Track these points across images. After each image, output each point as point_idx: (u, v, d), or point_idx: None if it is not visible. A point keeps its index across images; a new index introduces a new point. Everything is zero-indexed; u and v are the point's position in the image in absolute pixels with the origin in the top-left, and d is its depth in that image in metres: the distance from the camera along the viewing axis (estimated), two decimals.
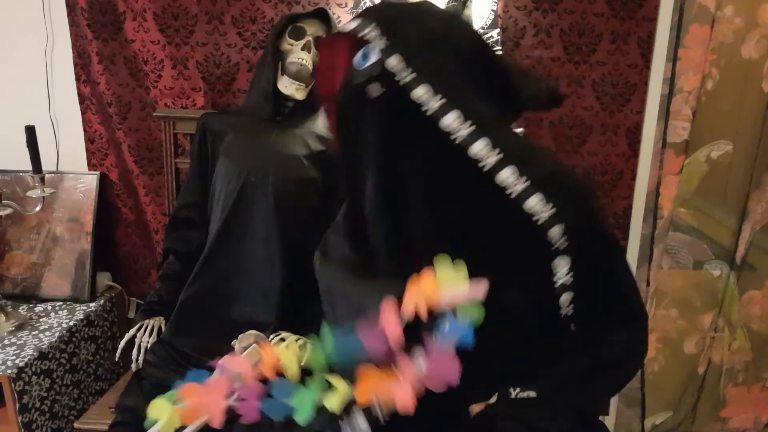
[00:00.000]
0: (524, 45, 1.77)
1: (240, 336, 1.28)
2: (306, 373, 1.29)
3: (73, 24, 1.80)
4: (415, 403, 0.79)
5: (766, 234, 1.90)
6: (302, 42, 1.51)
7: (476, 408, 0.95)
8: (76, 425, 1.51)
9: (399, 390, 0.80)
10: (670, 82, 1.75)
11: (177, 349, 1.40)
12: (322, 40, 0.99)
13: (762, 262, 1.94)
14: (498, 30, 1.63)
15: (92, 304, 1.85)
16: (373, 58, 0.92)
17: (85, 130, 1.91)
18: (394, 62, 0.88)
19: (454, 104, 0.87)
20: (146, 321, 1.49)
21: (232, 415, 1.23)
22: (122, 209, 1.97)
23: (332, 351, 0.85)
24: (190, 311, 1.45)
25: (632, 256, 1.92)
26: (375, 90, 0.92)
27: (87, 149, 1.92)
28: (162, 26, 1.77)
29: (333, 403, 0.82)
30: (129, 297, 2.02)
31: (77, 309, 1.83)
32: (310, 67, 1.50)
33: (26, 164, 1.60)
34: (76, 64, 1.85)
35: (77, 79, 1.86)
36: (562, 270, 0.90)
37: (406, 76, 0.88)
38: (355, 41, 0.94)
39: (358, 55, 0.94)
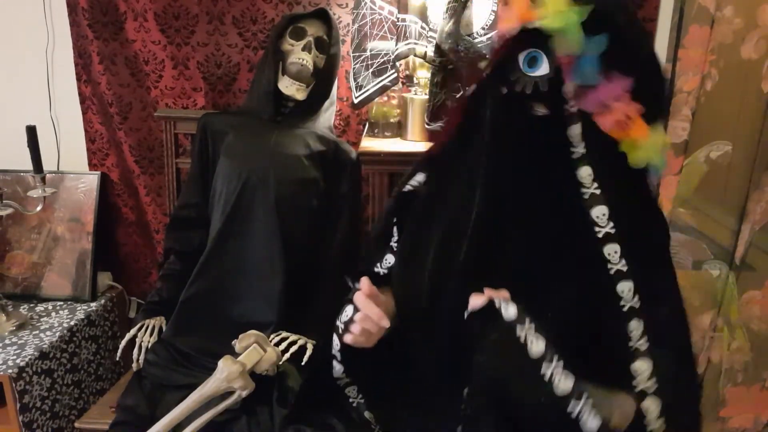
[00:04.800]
0: None
1: (240, 336, 1.28)
2: (282, 376, 1.29)
3: (74, 24, 1.81)
4: None
5: (766, 234, 1.90)
6: (303, 42, 1.52)
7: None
8: (76, 425, 1.51)
9: None
10: (670, 82, 1.75)
11: (178, 349, 1.40)
12: None
13: (761, 263, 1.94)
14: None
15: (93, 304, 1.86)
16: (544, 69, 0.79)
17: (85, 130, 1.91)
18: (570, 89, 0.78)
19: (594, 159, 0.80)
20: (147, 321, 1.49)
21: (229, 418, 1.24)
22: (123, 209, 1.97)
23: None
24: (190, 311, 1.45)
25: None
26: (539, 109, 0.80)
27: (88, 149, 1.93)
28: (163, 26, 1.77)
29: None
30: (130, 297, 2.03)
31: (78, 309, 1.83)
32: (311, 67, 1.50)
33: (27, 164, 1.60)
34: (77, 64, 1.85)
35: (78, 79, 1.86)
36: (614, 255, 0.81)
37: (572, 108, 0.79)
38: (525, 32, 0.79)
39: (524, 55, 0.80)
